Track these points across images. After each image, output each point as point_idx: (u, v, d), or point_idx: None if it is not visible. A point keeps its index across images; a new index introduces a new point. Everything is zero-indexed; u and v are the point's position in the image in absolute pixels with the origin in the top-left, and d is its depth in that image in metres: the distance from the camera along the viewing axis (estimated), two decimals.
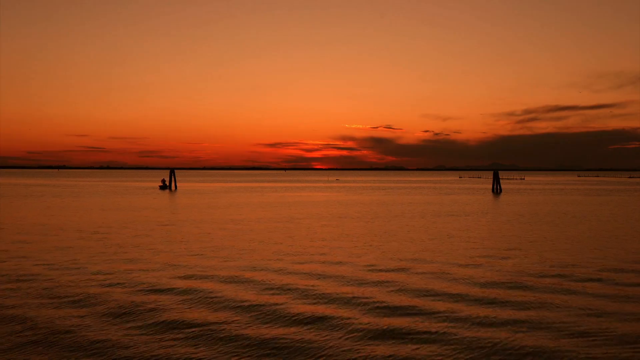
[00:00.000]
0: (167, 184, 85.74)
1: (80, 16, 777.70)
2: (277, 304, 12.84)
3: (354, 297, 13.56)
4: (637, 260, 19.09)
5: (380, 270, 17.11)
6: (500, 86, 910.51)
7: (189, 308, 12.60)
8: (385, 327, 11.12)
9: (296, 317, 11.82)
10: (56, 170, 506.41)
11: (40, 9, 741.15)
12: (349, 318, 11.75)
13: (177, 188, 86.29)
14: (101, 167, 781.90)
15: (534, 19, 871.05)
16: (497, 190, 77.82)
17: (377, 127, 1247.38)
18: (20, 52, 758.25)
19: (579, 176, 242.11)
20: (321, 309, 12.44)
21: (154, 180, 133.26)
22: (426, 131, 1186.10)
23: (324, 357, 9.56)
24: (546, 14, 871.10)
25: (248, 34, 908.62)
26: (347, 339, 10.48)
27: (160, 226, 29.96)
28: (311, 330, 10.97)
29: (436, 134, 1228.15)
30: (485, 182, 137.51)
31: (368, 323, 11.42)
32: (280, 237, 25.35)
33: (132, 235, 25.81)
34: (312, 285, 14.88)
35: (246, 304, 12.92)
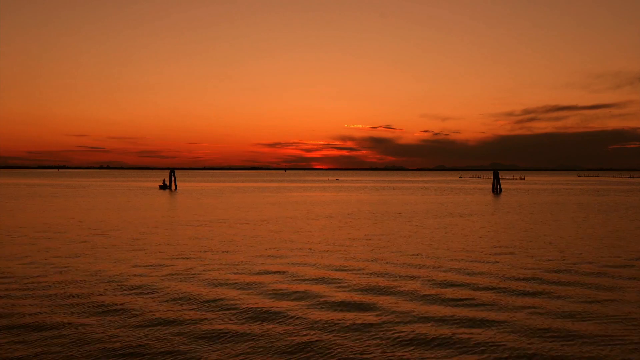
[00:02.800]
0: (167, 184, 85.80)
1: (81, 17, 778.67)
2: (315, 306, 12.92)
3: (374, 302, 13.59)
4: None
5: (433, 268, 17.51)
6: (499, 86, 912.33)
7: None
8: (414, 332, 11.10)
9: (311, 322, 11.87)
10: (56, 170, 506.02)
11: (41, 10, 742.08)
12: (383, 322, 11.63)
13: (177, 188, 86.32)
14: (101, 167, 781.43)
15: (532, 19, 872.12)
16: (497, 190, 77.76)
17: (376, 127, 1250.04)
18: (21, 52, 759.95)
19: (579, 176, 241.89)
20: (347, 314, 12.41)
21: (154, 180, 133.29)
22: (426, 131, 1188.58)
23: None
24: (545, 14, 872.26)
25: (249, 35, 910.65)
26: (377, 340, 10.41)
27: (187, 229, 30.03)
28: (321, 332, 11.03)
29: (436, 134, 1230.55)
30: (485, 182, 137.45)
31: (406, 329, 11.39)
32: (322, 236, 25.91)
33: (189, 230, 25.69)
34: (324, 289, 14.94)
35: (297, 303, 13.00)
